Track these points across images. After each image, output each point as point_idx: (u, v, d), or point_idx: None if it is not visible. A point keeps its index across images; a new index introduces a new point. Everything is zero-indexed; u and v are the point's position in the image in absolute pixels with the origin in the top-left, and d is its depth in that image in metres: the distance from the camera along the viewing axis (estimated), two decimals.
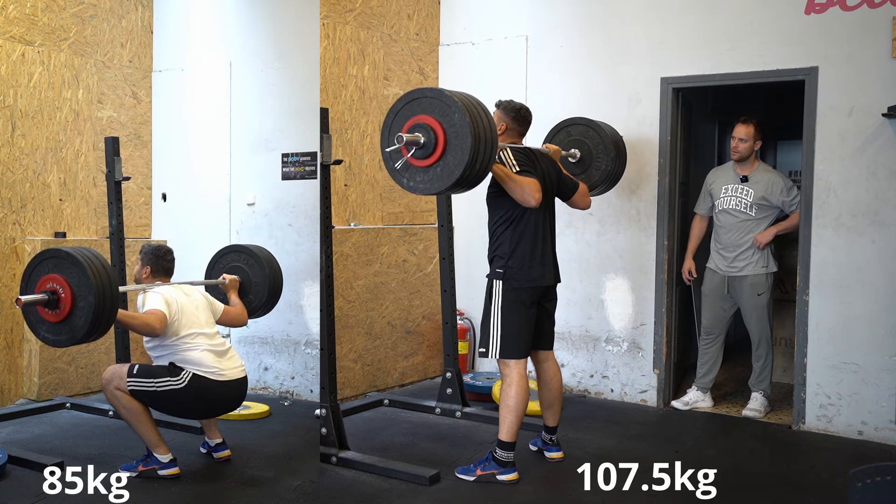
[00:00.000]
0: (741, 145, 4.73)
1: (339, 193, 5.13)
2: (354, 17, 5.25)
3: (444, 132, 3.14)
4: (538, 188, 3.50)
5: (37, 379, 4.96)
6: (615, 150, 4.42)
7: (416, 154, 3.19)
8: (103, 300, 3.18)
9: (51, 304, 3.24)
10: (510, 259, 3.64)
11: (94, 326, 3.20)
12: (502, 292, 3.64)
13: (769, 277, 4.77)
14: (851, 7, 4.32)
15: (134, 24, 5.66)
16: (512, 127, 3.80)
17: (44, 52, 5.08)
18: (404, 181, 3.29)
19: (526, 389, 3.63)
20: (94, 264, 3.21)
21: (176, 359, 3.63)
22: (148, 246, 3.96)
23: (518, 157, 3.62)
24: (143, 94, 5.72)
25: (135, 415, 3.61)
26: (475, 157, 3.10)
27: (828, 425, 4.45)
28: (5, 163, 4.89)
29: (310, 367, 5.19)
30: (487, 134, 3.15)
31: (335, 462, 3.79)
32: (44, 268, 3.29)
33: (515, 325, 3.64)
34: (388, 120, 3.31)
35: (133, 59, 5.66)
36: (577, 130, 4.52)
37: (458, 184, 3.17)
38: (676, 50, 4.87)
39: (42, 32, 5.07)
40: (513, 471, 3.60)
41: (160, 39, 5.79)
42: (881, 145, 4.28)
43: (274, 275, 4.24)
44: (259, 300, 4.23)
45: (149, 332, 3.57)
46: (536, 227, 3.66)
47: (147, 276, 3.89)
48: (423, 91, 3.23)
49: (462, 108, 3.10)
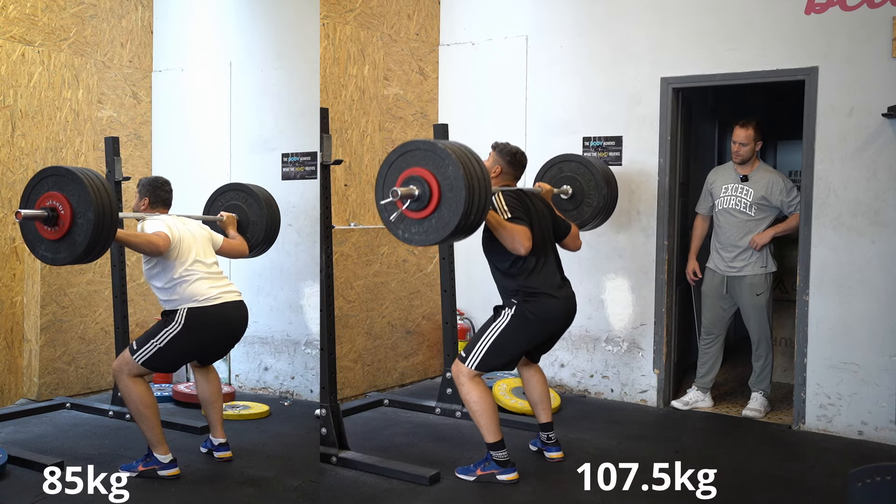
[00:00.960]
0: (742, 149, 4.73)
1: (339, 193, 5.13)
2: (354, 17, 5.25)
3: (438, 185, 3.16)
4: (528, 236, 3.50)
5: (37, 379, 4.96)
6: (607, 187, 4.43)
7: (411, 206, 3.21)
8: (103, 217, 3.19)
9: (50, 220, 3.24)
10: (523, 295, 3.62)
11: (93, 243, 3.20)
12: (512, 316, 3.62)
13: (768, 277, 4.77)
14: (851, 7, 4.32)
15: (134, 24, 5.66)
16: (507, 171, 3.83)
17: (44, 52, 5.08)
18: (399, 233, 3.31)
19: (483, 387, 3.63)
20: (94, 182, 3.21)
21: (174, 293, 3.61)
22: (145, 178, 3.95)
23: (510, 202, 3.62)
24: (143, 94, 5.72)
25: (143, 408, 3.58)
26: (470, 209, 3.12)
27: (828, 425, 4.45)
28: (5, 163, 4.89)
29: (310, 367, 5.19)
30: (482, 186, 3.17)
31: (335, 462, 3.79)
32: (44, 185, 3.29)
33: (506, 351, 3.65)
34: (382, 171, 3.33)
35: (133, 59, 5.66)
36: (569, 167, 4.53)
37: (453, 235, 3.20)
38: (676, 50, 4.87)
39: (42, 32, 5.07)
40: (513, 470, 3.61)
41: (160, 39, 5.79)
42: (881, 145, 4.28)
43: (272, 214, 4.23)
44: (256, 239, 4.22)
45: (152, 249, 3.56)
46: (539, 262, 3.65)
47: (145, 207, 3.87)
48: (416, 143, 3.25)
49: (456, 160, 3.11)
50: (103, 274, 5.20)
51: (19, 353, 5.00)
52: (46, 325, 4.98)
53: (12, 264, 4.93)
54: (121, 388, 3.65)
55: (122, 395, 3.66)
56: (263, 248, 4.30)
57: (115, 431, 4.38)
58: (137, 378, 3.62)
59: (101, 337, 5.27)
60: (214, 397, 3.92)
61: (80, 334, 5.18)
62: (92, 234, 3.18)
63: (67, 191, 3.22)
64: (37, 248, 3.35)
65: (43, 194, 3.27)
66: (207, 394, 3.91)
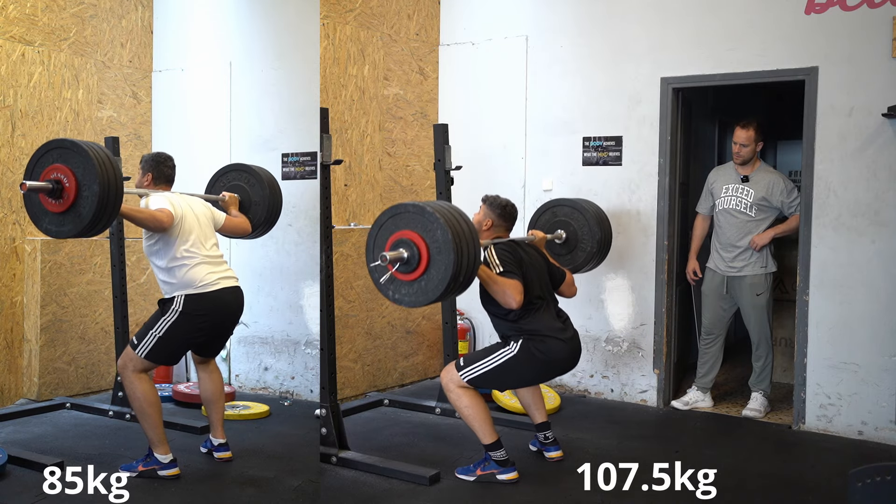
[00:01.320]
0: (743, 150, 4.73)
1: (339, 193, 5.13)
2: (354, 17, 5.25)
3: (427, 248, 3.19)
4: (520, 290, 3.52)
5: (37, 379, 4.96)
6: (600, 231, 4.43)
7: (401, 269, 3.24)
8: (108, 189, 3.18)
9: (54, 193, 3.23)
10: (526, 334, 3.62)
11: (98, 216, 3.19)
12: (519, 349, 3.61)
13: (768, 278, 4.77)
14: (851, 7, 4.32)
15: (134, 24, 5.66)
16: (498, 223, 3.85)
17: (44, 52, 5.08)
18: (390, 294, 3.34)
19: (472, 392, 3.64)
20: (99, 155, 3.21)
21: (171, 275, 3.61)
22: (148, 154, 3.94)
23: (501, 256, 3.63)
24: (143, 94, 5.72)
25: (147, 406, 3.58)
26: (458, 271, 3.16)
27: (828, 425, 4.45)
28: (5, 163, 4.89)
29: (310, 367, 5.19)
30: (470, 247, 3.20)
31: (335, 462, 3.79)
32: (48, 158, 3.28)
33: (505, 380, 3.68)
34: (372, 233, 3.36)
35: (133, 59, 5.66)
36: (562, 211, 4.54)
37: (443, 296, 3.23)
38: (676, 50, 4.87)
39: (42, 32, 5.07)
40: (512, 469, 3.61)
41: (160, 39, 5.79)
42: (881, 145, 4.28)
43: (274, 195, 4.20)
44: (258, 220, 4.20)
45: (155, 225, 3.55)
46: (538, 308, 3.66)
47: (148, 183, 3.85)
48: (405, 206, 3.28)
49: (444, 223, 3.14)
50: (103, 274, 5.20)
51: (19, 353, 5.00)
52: (46, 325, 4.98)
53: (12, 264, 4.93)
54: (125, 385, 3.65)
55: (127, 392, 3.65)
56: (265, 228, 4.26)
57: (115, 431, 4.38)
58: (143, 375, 3.62)
59: (101, 337, 5.27)
60: (217, 397, 3.91)
61: (80, 334, 5.18)
62: (97, 206, 3.17)
63: (72, 163, 3.21)
64: (41, 221, 3.33)
65: (47, 167, 3.26)
66: (210, 393, 3.91)
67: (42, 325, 4.96)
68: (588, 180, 5.17)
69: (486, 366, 3.61)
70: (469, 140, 5.48)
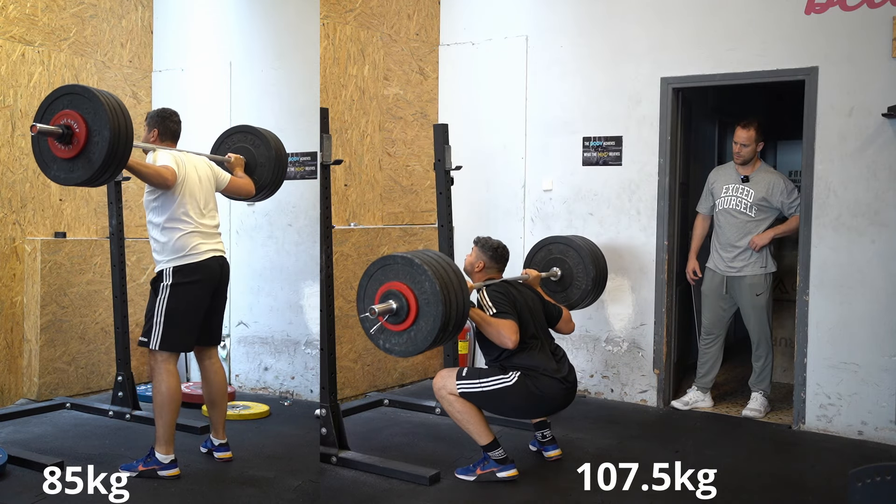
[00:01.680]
0: (743, 150, 4.73)
1: (339, 193, 5.13)
2: (354, 17, 5.25)
3: (415, 299, 3.22)
4: (514, 330, 3.54)
5: (37, 379, 4.96)
6: (595, 269, 4.40)
7: (391, 320, 3.29)
8: (119, 136, 3.17)
9: (64, 138, 3.21)
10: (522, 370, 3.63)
11: (108, 161, 3.17)
12: (517, 379, 3.61)
13: (768, 278, 4.77)
14: (851, 7, 4.32)
15: (134, 24, 5.66)
16: (490, 265, 3.89)
17: (44, 52, 5.08)
18: (381, 343, 3.37)
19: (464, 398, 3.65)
20: (110, 101, 3.20)
21: (165, 235, 3.62)
22: (153, 110, 3.93)
23: (494, 298, 3.65)
24: (143, 94, 5.72)
25: (169, 402, 3.60)
26: (447, 322, 3.19)
27: (828, 425, 4.45)
28: (5, 163, 4.89)
29: (310, 367, 5.19)
30: (458, 298, 3.22)
31: (335, 462, 3.79)
32: (59, 104, 3.26)
33: (498, 406, 3.68)
34: (362, 283, 3.41)
35: (133, 59, 5.66)
36: (557, 249, 4.52)
37: (433, 346, 3.25)
38: (676, 50, 4.87)
39: (42, 32, 5.07)
40: (512, 467, 3.61)
41: (160, 39, 5.79)
42: (881, 145, 4.28)
43: (279, 156, 4.17)
44: (263, 181, 4.16)
45: (161, 182, 3.55)
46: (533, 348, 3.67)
47: (154, 139, 3.84)
48: (394, 258, 3.31)
49: (432, 275, 3.17)
50: (103, 274, 5.20)
51: (19, 353, 5.00)
52: (46, 325, 4.98)
53: (12, 264, 4.93)
54: (154, 378, 3.67)
55: (153, 384, 3.67)
56: (270, 190, 4.21)
57: (115, 431, 4.38)
58: (173, 369, 3.65)
59: (101, 337, 5.27)
60: (220, 398, 3.92)
61: (80, 334, 5.18)
62: (108, 152, 3.15)
63: (83, 109, 3.19)
64: (49, 168, 3.31)
65: (58, 113, 3.24)
66: (213, 395, 3.91)
67: (42, 325, 4.96)
68: (588, 180, 5.17)
69: (482, 386, 3.62)
70: (469, 140, 5.47)
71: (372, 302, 3.32)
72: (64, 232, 5.17)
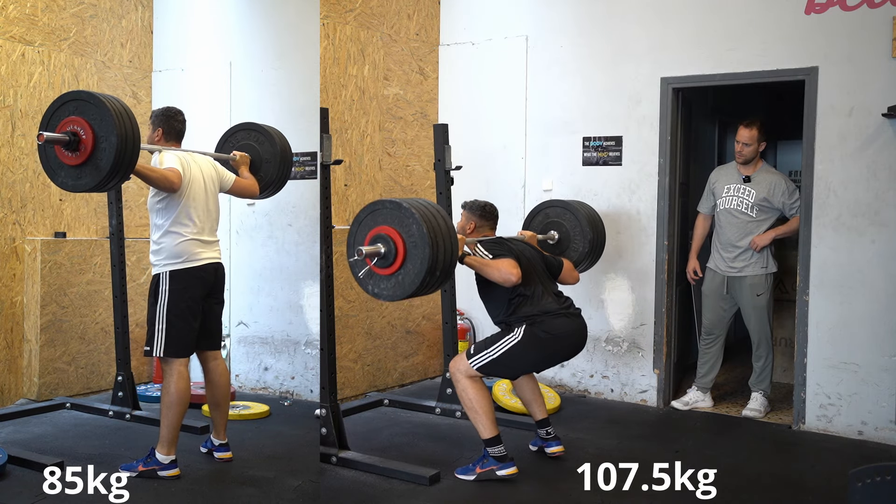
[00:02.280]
0: (745, 149, 4.73)
1: (339, 193, 5.13)
2: (354, 17, 5.25)
3: (403, 242, 3.25)
4: (514, 265, 3.58)
5: (37, 379, 4.96)
6: (592, 232, 4.41)
7: (379, 263, 3.31)
8: (126, 141, 3.16)
9: (71, 145, 3.20)
10: (528, 320, 3.64)
11: (116, 167, 3.17)
12: (523, 333, 3.63)
13: (768, 278, 4.77)
14: (851, 7, 4.32)
15: (134, 24, 5.66)
16: (481, 224, 3.93)
17: (44, 52, 5.08)
18: (369, 288, 3.39)
19: (481, 386, 3.66)
20: (116, 106, 3.19)
21: (163, 240, 3.63)
22: (158, 108, 3.92)
23: (489, 247, 3.72)
24: (143, 94, 5.72)
25: (177, 403, 3.62)
26: (434, 265, 3.20)
27: (828, 425, 4.45)
28: (5, 163, 4.89)
29: (310, 367, 5.19)
30: (446, 241, 3.24)
31: (335, 462, 3.79)
32: (64, 111, 3.26)
33: (514, 366, 3.70)
34: (352, 229, 3.42)
35: (133, 59, 5.66)
36: (554, 212, 4.53)
37: (420, 290, 3.27)
38: (676, 50, 4.87)
39: (42, 32, 5.07)
40: (511, 464, 3.61)
41: (160, 39, 5.79)
42: (881, 145, 4.28)
43: (284, 152, 4.17)
44: (269, 178, 4.16)
45: (167, 186, 3.55)
46: (536, 295, 3.69)
47: (159, 139, 3.83)
48: (383, 203, 3.34)
49: (419, 218, 3.20)
50: (103, 274, 5.20)
51: (19, 353, 5.00)
52: (46, 325, 4.98)
53: (12, 264, 4.93)
54: (165, 378, 3.67)
55: (163, 384, 3.67)
56: (276, 187, 4.21)
57: (115, 431, 4.38)
58: (184, 372, 3.66)
59: (101, 337, 5.27)
60: (223, 400, 3.92)
61: (80, 334, 5.18)
62: (115, 158, 3.15)
63: (89, 115, 3.19)
64: (57, 175, 3.31)
65: (63, 119, 3.23)
66: (217, 396, 3.92)
67: (42, 325, 4.96)
68: (588, 180, 5.17)
69: (493, 353, 3.63)
70: (469, 140, 5.48)
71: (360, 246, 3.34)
72: (64, 232, 5.17)
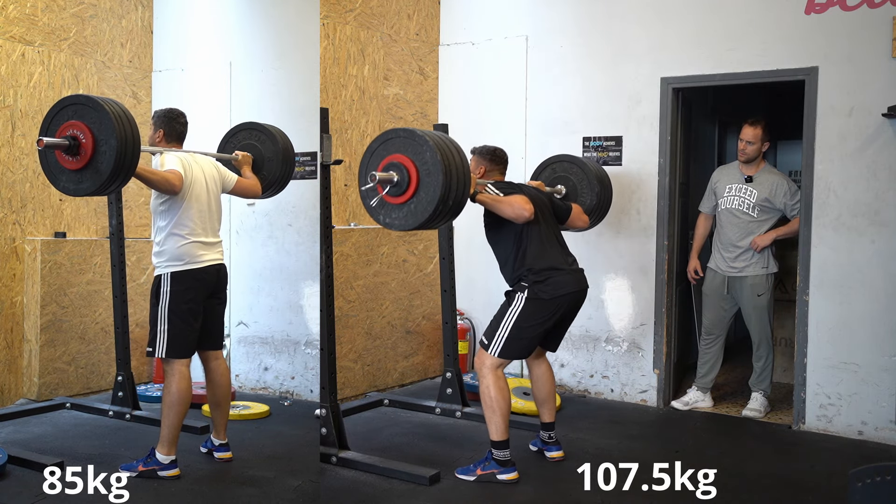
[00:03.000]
0: (749, 147, 4.73)
1: (339, 193, 5.13)
2: (354, 17, 5.25)
3: (416, 170, 3.24)
4: (527, 200, 3.59)
5: (37, 379, 4.96)
6: (599, 186, 4.41)
7: (391, 192, 3.30)
8: (126, 144, 3.17)
9: (71, 149, 3.21)
10: (529, 275, 3.65)
11: (116, 171, 3.17)
12: (526, 300, 3.64)
13: (769, 278, 4.77)
14: (851, 7, 4.32)
15: (134, 24, 5.66)
16: (491, 168, 3.92)
17: (44, 52, 5.08)
18: (381, 217, 3.39)
19: (504, 386, 3.65)
20: (115, 109, 3.20)
21: (165, 243, 3.62)
22: (160, 110, 3.92)
23: (501, 187, 3.74)
24: (143, 94, 5.72)
25: (178, 402, 3.62)
26: (447, 193, 3.20)
27: (828, 425, 4.45)
28: (5, 163, 4.89)
29: (310, 367, 5.19)
30: (459, 170, 3.24)
31: (335, 462, 3.79)
32: (63, 115, 3.26)
33: (525, 335, 3.67)
34: (364, 159, 3.42)
35: (133, 59, 5.66)
36: (561, 167, 4.52)
37: (432, 219, 3.27)
38: (676, 50, 4.87)
39: (42, 32, 5.07)
40: (513, 470, 3.61)
41: (160, 39, 5.79)
42: (881, 145, 4.28)
43: (286, 150, 4.17)
44: (272, 177, 4.16)
45: (168, 188, 3.55)
46: (544, 240, 3.70)
47: (160, 140, 3.83)
48: (396, 132, 3.34)
49: (433, 146, 3.19)
50: (103, 274, 5.20)
51: (19, 353, 5.00)
52: (46, 325, 4.98)
53: (12, 264, 4.93)
54: (166, 378, 3.67)
55: (165, 384, 3.67)
56: (279, 187, 4.21)
57: (115, 431, 4.38)
58: (186, 372, 3.67)
59: (101, 337, 5.27)
60: (224, 400, 3.93)
61: (80, 334, 5.18)
62: (116, 161, 3.15)
63: (88, 119, 3.19)
64: (58, 179, 3.31)
65: (63, 124, 3.24)
66: (218, 396, 3.92)
67: (42, 325, 4.96)
68: None
69: (504, 331, 3.64)
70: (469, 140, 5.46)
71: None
72: (64, 232, 5.17)
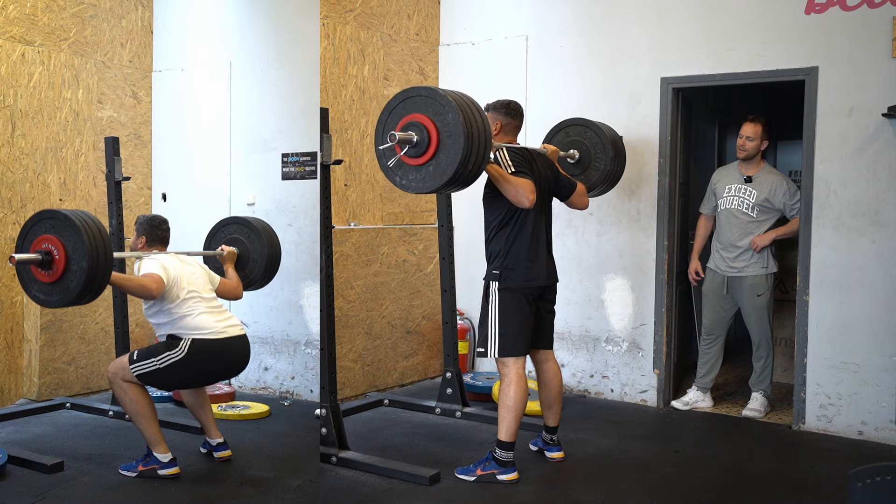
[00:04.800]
0: (748, 143, 4.72)
1: (339, 193, 5.13)
2: (354, 17, 5.25)
3: (437, 131, 3.14)
4: (532, 189, 3.49)
5: (37, 379, 4.96)
6: (614, 151, 4.39)
7: (410, 152, 3.20)
8: (96, 266, 3.19)
9: (44, 264, 3.24)
10: (506, 259, 3.64)
11: (85, 290, 3.21)
12: (499, 292, 3.64)
13: (769, 278, 4.77)
14: (851, 7, 4.32)
15: (134, 24, 5.66)
16: (506, 122, 3.80)
17: (44, 52, 5.08)
18: (397, 179, 3.30)
19: (525, 389, 3.62)
20: (90, 228, 3.21)
21: (175, 327, 3.62)
22: (143, 216, 3.95)
23: (514, 158, 3.61)
24: (143, 94, 5.72)
25: (140, 408, 3.59)
26: (468, 156, 3.11)
27: (828, 425, 4.45)
28: (5, 163, 4.89)
29: (310, 367, 5.19)
30: (481, 134, 3.14)
31: (335, 462, 3.79)
32: (40, 228, 3.29)
33: (513, 324, 3.64)
34: (382, 117, 3.32)
35: (133, 59, 5.66)
36: (575, 131, 4.49)
37: (450, 183, 3.17)
38: (676, 50, 4.87)
39: (42, 32, 5.07)
40: (513, 470, 3.60)
41: (160, 39, 5.79)
42: (881, 145, 4.28)
43: (273, 251, 4.20)
44: (255, 275, 4.19)
45: (144, 293, 3.55)
46: (532, 227, 3.67)
47: (143, 245, 3.87)
48: (417, 90, 3.23)
49: (456, 107, 3.10)
50: None
51: (19, 353, 5.00)
52: (46, 325, 4.98)
53: None
54: (115, 390, 3.67)
55: (118, 397, 3.67)
56: (262, 283, 4.27)
57: (115, 431, 4.38)
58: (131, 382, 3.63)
59: (101, 337, 5.27)
60: (202, 401, 3.93)
61: (80, 334, 5.18)
62: (85, 282, 3.18)
63: (63, 236, 3.21)
64: (30, 288, 3.35)
65: (39, 236, 3.27)
66: (193, 399, 3.92)
67: (42, 325, 4.96)
68: None
69: (495, 331, 3.62)
70: None
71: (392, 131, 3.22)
72: None
